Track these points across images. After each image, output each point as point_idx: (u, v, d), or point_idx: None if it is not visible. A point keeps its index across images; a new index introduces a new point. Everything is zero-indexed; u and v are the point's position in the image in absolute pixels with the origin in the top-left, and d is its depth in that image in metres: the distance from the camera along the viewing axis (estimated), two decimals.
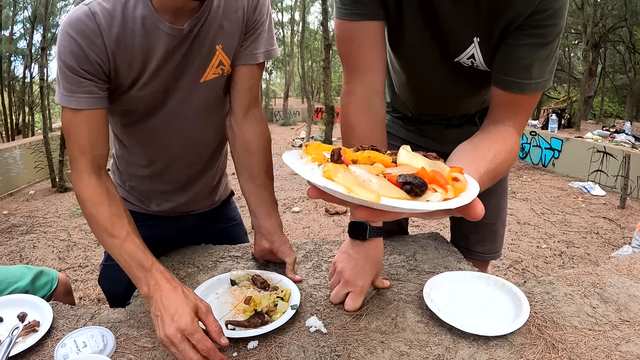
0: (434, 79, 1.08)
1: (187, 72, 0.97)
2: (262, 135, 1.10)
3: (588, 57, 10.14)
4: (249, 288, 1.00)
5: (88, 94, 0.87)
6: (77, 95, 0.86)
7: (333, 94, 8.27)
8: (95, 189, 0.90)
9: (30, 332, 0.82)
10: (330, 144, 6.31)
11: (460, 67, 0.99)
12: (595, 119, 11.85)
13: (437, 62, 1.01)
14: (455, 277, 1.04)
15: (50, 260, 3.70)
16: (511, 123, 0.91)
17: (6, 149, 6.13)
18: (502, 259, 3.66)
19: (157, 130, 1.04)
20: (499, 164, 0.81)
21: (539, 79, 0.89)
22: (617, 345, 0.80)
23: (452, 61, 0.98)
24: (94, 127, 0.89)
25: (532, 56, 0.86)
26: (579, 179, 6.43)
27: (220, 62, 0.99)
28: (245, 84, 1.05)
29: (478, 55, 0.94)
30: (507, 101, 0.92)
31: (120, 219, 0.89)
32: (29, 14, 10.74)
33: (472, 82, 1.05)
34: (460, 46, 0.95)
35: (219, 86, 1.03)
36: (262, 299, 0.94)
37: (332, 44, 7.31)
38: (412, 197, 0.47)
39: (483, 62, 0.95)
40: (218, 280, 1.04)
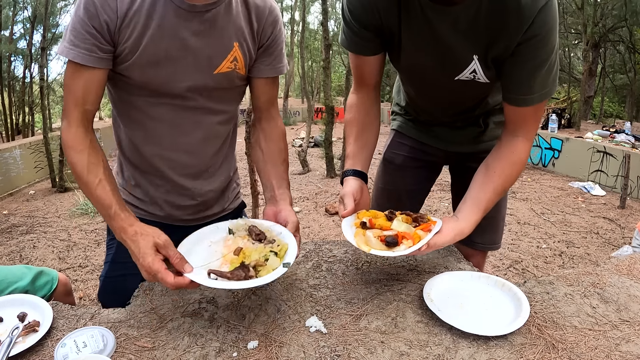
0: (436, 95, 1.22)
1: (203, 59, 1.00)
2: (278, 127, 1.20)
3: (588, 57, 10.15)
4: (244, 239, 0.96)
5: (89, 51, 0.91)
6: (78, 49, 0.90)
7: (333, 94, 8.27)
8: (80, 138, 0.95)
9: (30, 332, 0.82)
10: (330, 144, 6.32)
11: (460, 82, 1.09)
12: (595, 119, 11.85)
13: (438, 80, 1.13)
14: (455, 277, 1.04)
15: (50, 260, 3.70)
16: (521, 133, 1.07)
17: (6, 149, 6.13)
18: (502, 259, 3.66)
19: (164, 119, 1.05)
20: (506, 178, 1.06)
21: (542, 90, 1.00)
22: (617, 345, 0.81)
23: (452, 79, 1.09)
24: (90, 84, 0.95)
25: (531, 75, 0.98)
26: (579, 179, 6.44)
27: (235, 58, 1.05)
28: (269, 94, 1.17)
29: (479, 69, 1.04)
30: (516, 114, 1.06)
31: (96, 166, 0.94)
32: (29, 14, 10.74)
33: (472, 93, 1.17)
34: (460, 65, 1.05)
35: (229, 82, 1.08)
36: (252, 252, 0.90)
37: (332, 44, 7.32)
38: (389, 248, 0.92)
39: (484, 75, 1.05)
40: (216, 228, 1.02)
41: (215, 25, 0.99)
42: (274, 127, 1.19)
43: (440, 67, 1.08)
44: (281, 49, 1.14)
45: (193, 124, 1.08)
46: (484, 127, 1.35)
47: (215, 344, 0.83)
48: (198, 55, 0.99)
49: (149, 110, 1.04)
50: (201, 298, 0.99)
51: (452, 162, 1.51)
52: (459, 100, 1.23)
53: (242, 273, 0.83)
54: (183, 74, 1.00)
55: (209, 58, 1.01)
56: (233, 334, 0.86)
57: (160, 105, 1.03)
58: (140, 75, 0.98)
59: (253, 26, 1.06)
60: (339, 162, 6.81)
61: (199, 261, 0.90)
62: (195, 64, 1.00)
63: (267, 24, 1.07)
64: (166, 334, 0.85)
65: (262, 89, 1.15)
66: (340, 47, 1.13)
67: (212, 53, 1.01)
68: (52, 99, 13.47)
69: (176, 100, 1.03)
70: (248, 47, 1.06)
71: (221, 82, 1.06)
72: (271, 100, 1.19)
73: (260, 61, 1.11)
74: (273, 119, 1.20)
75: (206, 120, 1.10)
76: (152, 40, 0.94)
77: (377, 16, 1.04)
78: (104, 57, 0.93)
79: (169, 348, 0.81)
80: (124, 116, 1.09)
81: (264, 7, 1.06)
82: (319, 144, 8.26)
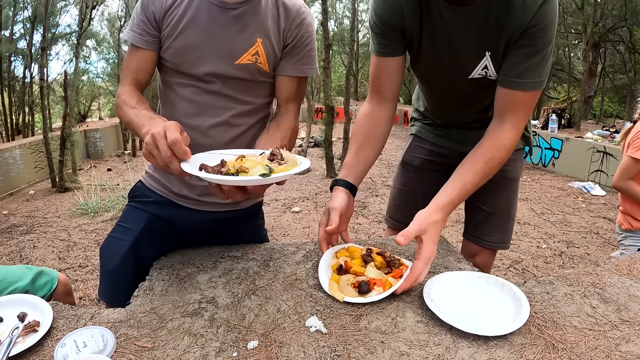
0: (452, 95, 1.29)
1: (226, 49, 1.12)
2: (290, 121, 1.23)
3: (588, 57, 10.14)
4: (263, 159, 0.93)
5: (140, 35, 1.13)
6: (133, 32, 1.13)
7: (333, 94, 8.28)
8: (131, 91, 1.12)
9: (30, 332, 0.82)
10: (330, 144, 6.31)
11: (474, 81, 1.17)
12: (595, 119, 11.85)
13: (454, 80, 1.20)
14: (455, 277, 1.04)
15: (50, 260, 3.70)
16: (508, 120, 1.10)
17: (6, 149, 6.12)
18: (502, 259, 3.66)
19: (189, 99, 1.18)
20: (487, 161, 1.09)
21: (534, 79, 1.06)
22: (617, 345, 0.81)
23: (466, 78, 1.16)
24: (141, 61, 1.15)
25: (526, 62, 1.04)
26: (579, 179, 6.43)
27: (257, 52, 1.15)
28: (289, 91, 1.23)
29: (490, 66, 1.12)
30: (507, 99, 1.10)
31: (143, 101, 1.09)
32: (29, 14, 10.73)
33: (485, 93, 1.22)
34: (473, 62, 1.13)
35: (249, 74, 1.16)
36: (253, 162, 0.90)
37: (332, 44, 7.32)
38: (362, 295, 0.97)
39: (494, 71, 1.12)
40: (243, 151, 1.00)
41: (241, 21, 1.12)
42: (287, 120, 1.23)
43: (455, 66, 1.16)
44: (308, 51, 1.21)
45: (211, 108, 1.18)
46: None
47: (215, 344, 0.83)
48: (221, 45, 1.12)
49: (179, 90, 1.18)
50: (201, 298, 0.99)
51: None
52: (474, 100, 1.29)
53: (222, 170, 0.86)
54: (206, 60, 1.13)
55: (230, 49, 1.13)
56: (233, 334, 0.86)
57: (188, 87, 1.17)
58: (173, 58, 1.14)
59: (280, 26, 1.16)
60: (339, 162, 6.81)
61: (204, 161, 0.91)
62: (218, 52, 1.12)
63: (293, 25, 1.17)
64: (166, 334, 0.85)
65: (283, 86, 1.22)
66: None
67: (234, 45, 1.13)
68: (52, 99, 13.45)
69: (200, 83, 1.16)
70: (272, 45, 1.16)
71: (241, 73, 1.15)
72: (291, 97, 1.24)
73: (285, 60, 1.20)
74: (288, 113, 1.25)
75: (225, 107, 1.18)
76: (185, 29, 1.11)
77: (401, 18, 1.12)
78: (150, 40, 1.13)
79: (169, 348, 0.81)
80: (163, 95, 1.23)
81: (292, 9, 1.17)
82: (319, 144, 8.26)
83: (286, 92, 1.23)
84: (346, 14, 19.53)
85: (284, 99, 1.24)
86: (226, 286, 1.04)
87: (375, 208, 5.01)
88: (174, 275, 1.10)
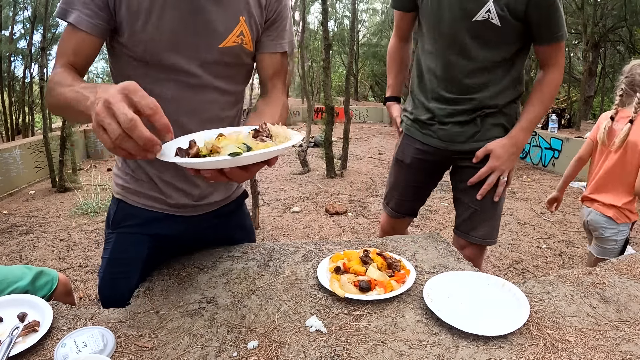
0: (450, 47, 1.48)
1: (207, 31, 0.98)
2: (280, 97, 1.14)
3: (588, 57, 10.14)
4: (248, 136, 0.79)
5: (87, 16, 0.91)
6: (77, 12, 0.91)
7: (333, 94, 8.28)
8: (65, 71, 0.91)
9: (30, 332, 0.82)
10: (330, 144, 6.31)
11: (476, 24, 1.40)
12: (595, 119, 11.84)
13: (457, 24, 1.43)
14: (455, 277, 1.04)
15: (50, 260, 3.70)
16: (552, 64, 1.49)
17: (6, 149, 6.12)
18: (502, 259, 3.66)
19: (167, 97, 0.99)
20: (546, 88, 1.51)
21: (560, 31, 1.40)
22: (617, 345, 0.81)
23: (470, 20, 1.40)
24: (82, 45, 0.94)
25: (551, 17, 1.36)
26: (579, 179, 6.43)
27: (242, 32, 1.04)
28: (274, 67, 1.14)
29: (493, 10, 1.36)
30: (547, 53, 1.46)
31: (82, 80, 0.89)
32: (29, 14, 10.74)
33: (482, 50, 1.44)
34: (479, 3, 1.36)
35: (235, 58, 1.06)
36: (229, 140, 0.76)
37: (331, 44, 7.32)
38: (363, 292, 0.98)
39: (497, 16, 1.36)
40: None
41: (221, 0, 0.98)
42: (275, 96, 1.14)
43: (461, 6, 1.40)
44: (285, 25, 1.13)
45: (198, 103, 1.04)
46: (480, 127, 1.54)
47: (215, 344, 0.83)
48: (202, 27, 0.97)
49: (157, 88, 0.98)
50: (201, 298, 0.99)
51: (451, 163, 1.69)
52: (469, 59, 1.47)
53: (189, 152, 0.73)
54: (186, 45, 0.97)
55: (213, 31, 0.99)
56: (233, 334, 0.86)
57: (167, 82, 1.00)
58: (146, 48, 0.95)
59: (261, 0, 1.05)
60: (339, 162, 6.81)
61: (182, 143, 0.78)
62: (199, 36, 0.98)
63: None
64: (166, 334, 0.85)
65: (266, 63, 1.13)
66: None
67: (217, 26, 0.99)
68: None
69: (182, 76, 1.00)
70: (255, 22, 1.06)
71: (226, 57, 1.03)
72: (276, 72, 1.16)
73: (265, 36, 1.10)
74: (275, 88, 1.16)
75: (212, 100, 1.06)
76: (157, 11, 0.93)
77: None
78: (100, 25, 0.92)
79: (169, 348, 0.81)
80: None
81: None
82: (319, 144, 8.26)
83: (270, 68, 1.14)
84: (346, 14, 19.54)
85: (268, 75, 1.15)
86: (226, 286, 1.04)
87: (375, 208, 5.00)
88: (174, 275, 1.10)
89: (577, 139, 6.84)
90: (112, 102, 0.62)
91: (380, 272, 1.04)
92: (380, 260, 1.08)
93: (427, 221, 4.63)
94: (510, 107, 1.55)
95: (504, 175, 1.52)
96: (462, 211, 1.65)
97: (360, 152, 8.69)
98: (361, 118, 14.28)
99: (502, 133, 1.54)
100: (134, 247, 1.11)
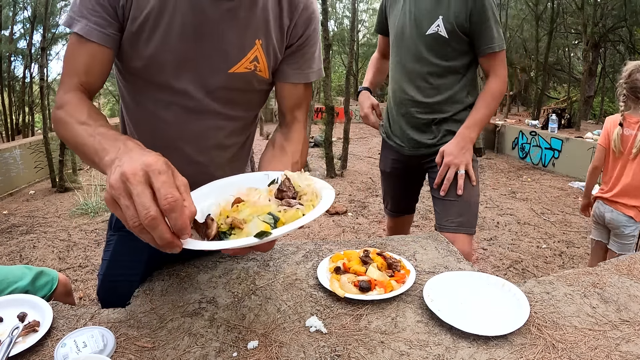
0: (408, 56, 1.76)
1: (217, 53, 0.89)
2: (300, 131, 1.04)
3: (588, 57, 10.13)
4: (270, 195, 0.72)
5: (97, 25, 0.82)
6: (85, 21, 0.81)
7: (333, 94, 8.28)
8: (78, 100, 0.81)
9: (30, 332, 0.82)
10: (330, 144, 6.31)
11: (429, 38, 1.67)
12: (595, 119, 11.83)
13: (415, 36, 1.71)
14: (455, 277, 1.04)
15: (50, 260, 3.70)
16: (493, 74, 1.69)
17: (6, 149, 6.12)
18: (502, 259, 3.66)
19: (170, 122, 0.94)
20: (488, 93, 1.69)
21: (498, 42, 1.64)
22: (617, 345, 0.81)
23: (424, 35, 1.68)
24: (94, 60, 0.84)
25: (488, 28, 1.61)
26: (579, 179, 6.43)
27: (256, 57, 0.93)
28: (294, 99, 1.03)
29: (441, 25, 1.64)
30: (488, 62, 1.68)
31: (99, 114, 0.79)
32: (29, 14, 10.73)
33: (435, 55, 1.69)
34: (431, 21, 1.65)
35: (246, 84, 0.95)
36: (253, 209, 0.68)
37: (331, 44, 7.32)
38: (363, 292, 0.96)
39: (445, 30, 1.64)
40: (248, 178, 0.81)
41: (237, 17, 0.87)
42: (296, 131, 1.03)
43: (416, 24, 1.69)
44: (313, 52, 1.01)
45: (200, 129, 0.95)
46: (436, 135, 1.78)
47: (215, 344, 0.83)
48: (211, 49, 0.87)
49: (157, 110, 0.93)
50: (201, 298, 0.99)
51: (422, 166, 1.90)
52: (424, 62, 1.72)
53: (202, 229, 0.65)
54: (191, 69, 0.88)
55: (224, 54, 0.89)
56: (233, 334, 0.86)
57: (165, 104, 0.92)
58: (146, 66, 0.87)
59: (283, 22, 0.93)
60: (339, 162, 6.81)
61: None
62: (207, 59, 0.88)
63: (300, 21, 0.95)
64: (166, 334, 0.85)
65: (286, 93, 1.02)
66: None
67: (229, 49, 0.89)
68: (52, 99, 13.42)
69: (184, 100, 0.92)
70: (274, 47, 0.94)
71: (236, 84, 0.93)
72: (297, 104, 1.05)
73: (287, 63, 0.99)
74: (296, 122, 1.05)
75: (216, 127, 0.97)
76: (163, 26, 0.84)
77: (385, 5, 1.91)
78: (111, 34, 0.84)
79: (169, 348, 0.81)
80: (134, 115, 1.00)
81: (298, 0, 0.95)
82: (319, 144, 8.26)
83: (291, 99, 1.03)
84: (346, 14, 19.54)
85: (288, 106, 1.04)
86: (226, 286, 1.04)
87: (375, 208, 5.00)
88: (174, 275, 1.10)
89: (577, 139, 6.84)
90: (132, 183, 0.55)
91: (380, 272, 1.04)
92: (380, 260, 1.08)
93: (427, 221, 4.63)
94: (462, 114, 1.75)
95: (460, 168, 1.67)
96: (436, 205, 1.80)
97: (360, 152, 8.68)
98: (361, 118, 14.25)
99: None
100: (135, 251, 1.07)
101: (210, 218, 0.67)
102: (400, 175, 2.00)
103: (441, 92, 1.73)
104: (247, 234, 0.64)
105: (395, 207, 2.12)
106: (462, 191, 1.69)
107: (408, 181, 2.03)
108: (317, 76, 1.04)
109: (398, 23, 1.78)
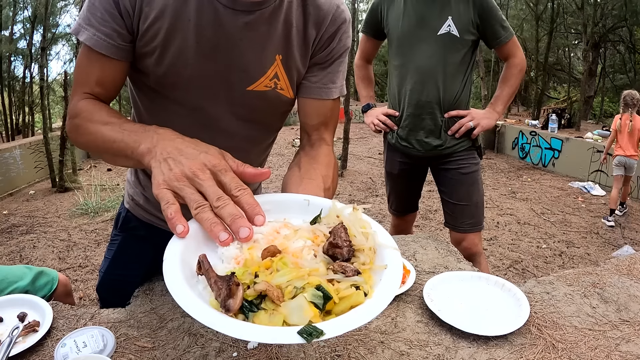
0: (417, 59, 1.82)
1: (235, 69, 0.81)
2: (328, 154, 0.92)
3: (588, 57, 10.13)
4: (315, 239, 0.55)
5: (106, 36, 0.74)
6: (93, 30, 0.74)
7: None
8: (94, 104, 0.77)
9: (30, 332, 0.82)
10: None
11: (440, 37, 1.77)
12: (596, 119, 11.84)
13: (427, 37, 1.79)
14: (455, 277, 1.04)
15: (50, 260, 3.70)
16: (512, 58, 1.88)
17: (6, 149, 6.12)
18: (502, 259, 3.66)
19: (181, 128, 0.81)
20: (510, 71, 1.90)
21: (506, 32, 1.81)
22: (617, 345, 0.81)
23: (436, 34, 1.77)
24: (106, 72, 0.78)
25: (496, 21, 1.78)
26: (579, 179, 6.43)
27: (276, 74, 0.84)
28: (318, 117, 0.93)
29: (452, 25, 1.75)
30: (504, 51, 1.86)
31: (118, 113, 0.77)
32: (29, 14, 10.74)
33: (446, 56, 1.79)
34: (441, 22, 1.75)
35: (266, 103, 0.87)
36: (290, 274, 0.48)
37: None
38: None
39: (456, 29, 1.75)
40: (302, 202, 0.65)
41: (256, 30, 0.79)
42: (324, 154, 0.90)
43: (426, 25, 1.77)
44: (338, 66, 0.91)
45: None
46: (444, 139, 1.89)
47: (215, 344, 0.83)
48: (228, 65, 0.80)
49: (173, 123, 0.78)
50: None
51: (430, 164, 2.04)
52: (433, 64, 1.79)
53: (223, 289, 0.46)
54: (209, 87, 0.82)
55: (242, 71, 0.81)
56: None
57: (184, 119, 0.85)
58: (159, 80, 0.80)
59: (308, 34, 0.84)
60: (339, 162, 6.82)
61: None
62: (223, 76, 0.81)
63: (327, 33, 0.86)
64: (166, 334, 0.85)
65: (312, 109, 0.91)
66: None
67: (246, 65, 0.81)
68: (52, 99, 13.45)
69: (201, 117, 0.85)
70: (295, 62, 0.85)
71: (254, 102, 0.85)
72: (324, 122, 0.94)
73: (312, 76, 0.89)
74: (324, 143, 0.93)
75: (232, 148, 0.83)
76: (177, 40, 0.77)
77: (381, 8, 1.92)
78: (122, 46, 0.76)
79: (169, 348, 0.81)
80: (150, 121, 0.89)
81: (328, 9, 0.84)
82: None
83: (316, 117, 0.92)
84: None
85: (313, 124, 0.93)
86: None
87: (376, 208, 5.01)
88: None
89: (577, 139, 6.85)
90: (201, 179, 0.57)
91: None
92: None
93: (427, 221, 4.63)
94: None
95: (474, 122, 1.86)
96: (445, 207, 2.02)
97: (360, 152, 8.69)
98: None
99: (464, 138, 1.90)
100: (139, 253, 1.07)
101: (235, 282, 0.47)
102: (407, 176, 2.10)
103: (457, 90, 1.85)
104: (285, 317, 0.46)
105: (401, 207, 2.23)
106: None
107: (413, 180, 2.14)
108: (339, 93, 0.93)
109: (402, 25, 1.82)
